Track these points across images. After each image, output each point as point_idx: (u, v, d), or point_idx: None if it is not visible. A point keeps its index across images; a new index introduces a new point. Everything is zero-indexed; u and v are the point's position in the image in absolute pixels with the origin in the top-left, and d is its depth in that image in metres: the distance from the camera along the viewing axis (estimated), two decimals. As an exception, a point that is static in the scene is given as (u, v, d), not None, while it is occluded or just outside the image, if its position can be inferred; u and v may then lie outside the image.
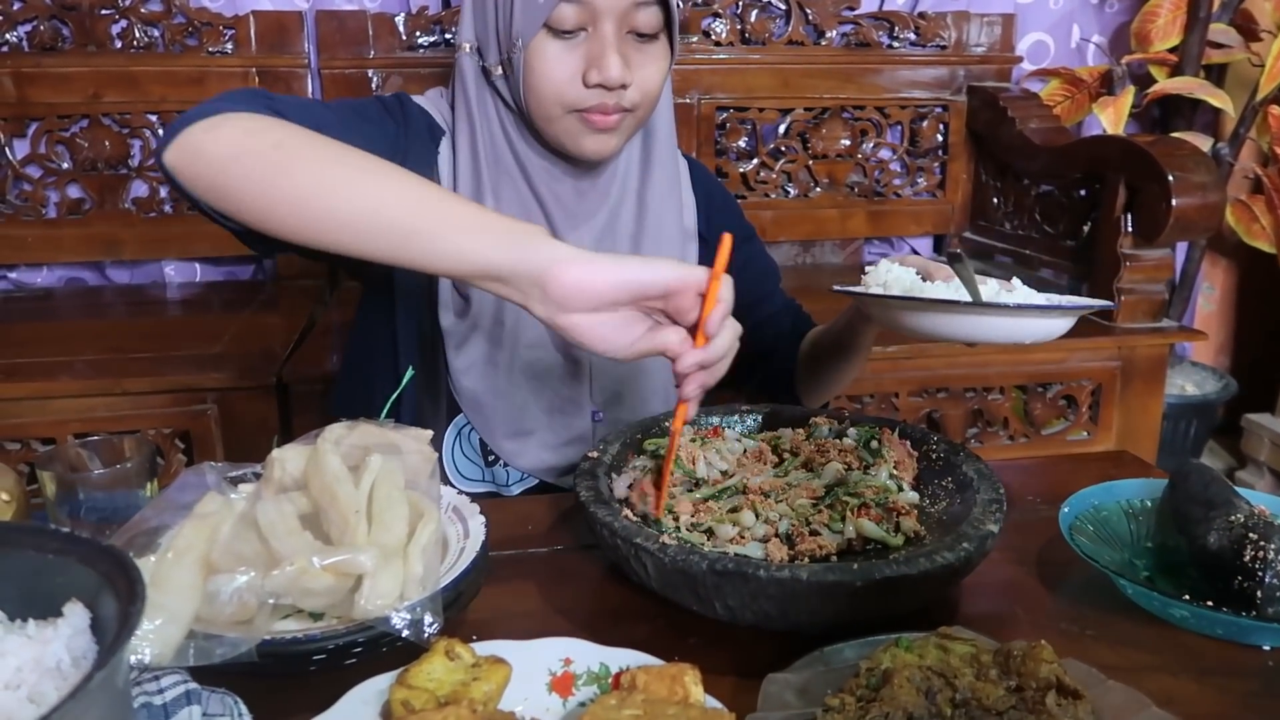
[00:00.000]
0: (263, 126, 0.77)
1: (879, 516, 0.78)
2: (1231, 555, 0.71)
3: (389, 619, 0.62)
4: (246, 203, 0.76)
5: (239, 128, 0.77)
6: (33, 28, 1.96)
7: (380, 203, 0.73)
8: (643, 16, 0.93)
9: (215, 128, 0.77)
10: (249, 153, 0.76)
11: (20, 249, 2.04)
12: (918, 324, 0.83)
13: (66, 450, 0.80)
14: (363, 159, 0.77)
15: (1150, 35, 2.27)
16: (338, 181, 0.74)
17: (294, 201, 0.75)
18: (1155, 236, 1.74)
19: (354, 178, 0.75)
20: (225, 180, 0.77)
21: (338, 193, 0.74)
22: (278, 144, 0.76)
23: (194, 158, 0.77)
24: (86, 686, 0.42)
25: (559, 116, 0.94)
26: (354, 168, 0.76)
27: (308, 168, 0.75)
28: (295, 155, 0.75)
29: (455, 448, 1.04)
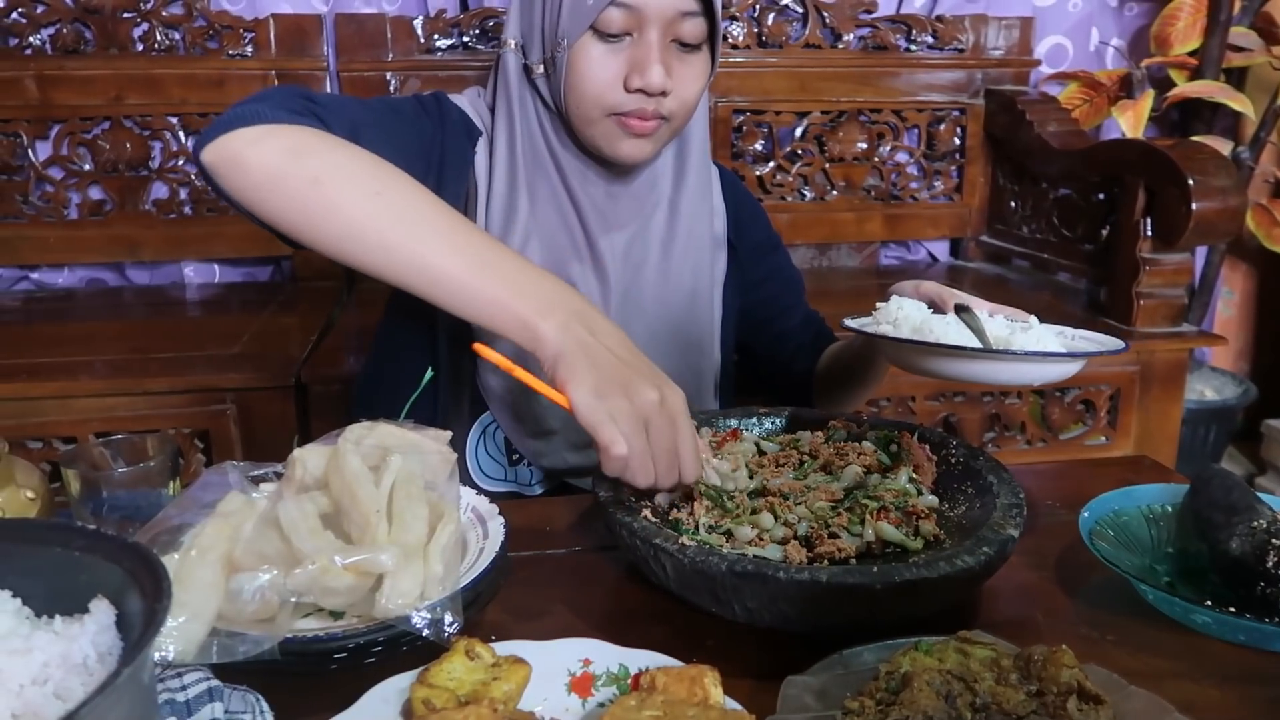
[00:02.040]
0: (302, 148, 0.79)
1: (898, 520, 0.78)
2: (1254, 561, 0.71)
3: (409, 618, 0.62)
4: (281, 224, 0.80)
5: (280, 147, 0.79)
6: (56, 30, 1.99)
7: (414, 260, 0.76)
8: (688, 26, 0.93)
9: (258, 142, 0.79)
10: (287, 180, 0.78)
11: (42, 250, 2.06)
12: (926, 365, 0.84)
13: (90, 449, 0.81)
14: (398, 203, 0.78)
15: (1170, 38, 2.26)
16: (369, 231, 0.77)
17: (327, 241, 0.78)
18: (1175, 240, 1.73)
19: (386, 228, 0.77)
20: (262, 200, 0.79)
21: (368, 242, 0.77)
22: (315, 180, 0.77)
23: (232, 167, 0.79)
24: (114, 682, 0.43)
25: (597, 119, 0.95)
26: (387, 216, 0.77)
27: (342, 213, 0.77)
28: (332, 196, 0.77)
29: (479, 446, 1.04)
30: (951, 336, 0.82)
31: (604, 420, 0.70)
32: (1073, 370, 0.83)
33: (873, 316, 0.91)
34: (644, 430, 0.71)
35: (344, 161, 0.79)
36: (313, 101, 0.85)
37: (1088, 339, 0.87)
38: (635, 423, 0.71)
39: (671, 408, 0.73)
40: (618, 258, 1.04)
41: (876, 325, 0.88)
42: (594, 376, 0.71)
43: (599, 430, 0.70)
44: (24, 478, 0.82)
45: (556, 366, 0.72)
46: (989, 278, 2.27)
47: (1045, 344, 0.83)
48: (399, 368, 1.04)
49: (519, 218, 1.00)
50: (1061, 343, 0.86)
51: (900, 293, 0.99)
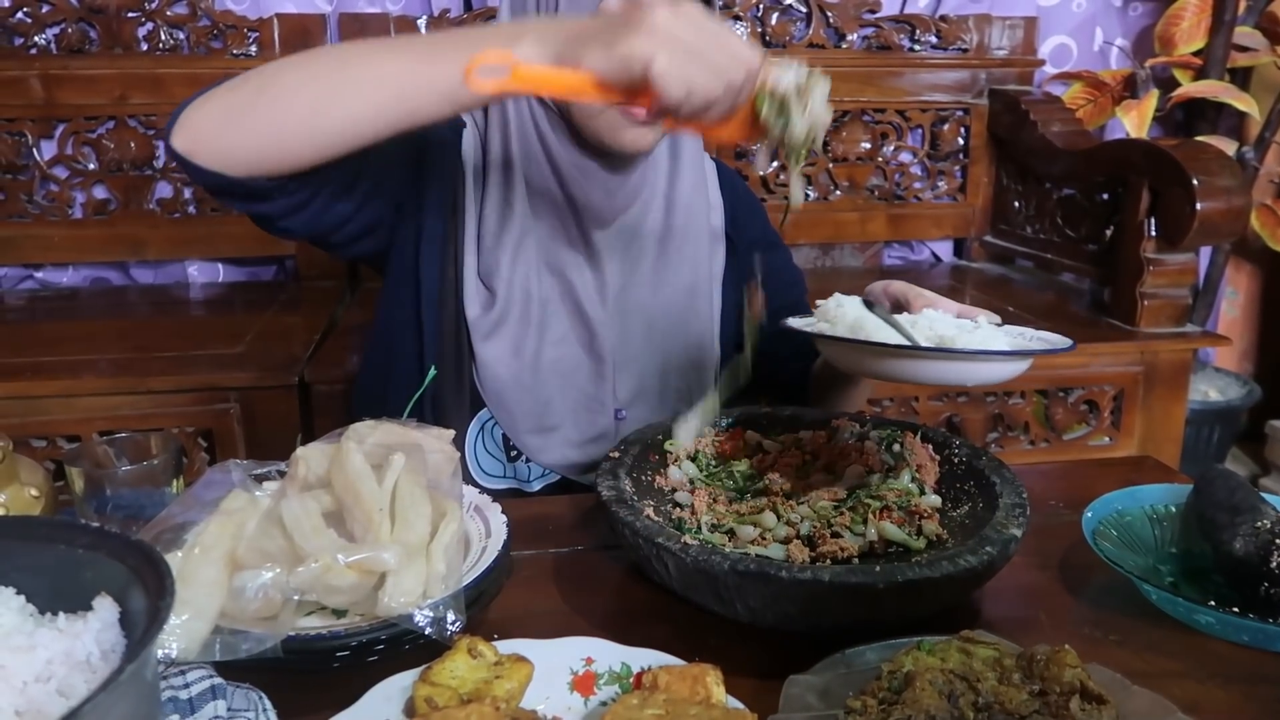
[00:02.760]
0: (241, 79, 0.80)
1: (901, 519, 0.78)
2: (1258, 561, 0.71)
3: (412, 616, 0.63)
4: (257, 152, 0.80)
5: (222, 90, 0.81)
6: (60, 30, 1.99)
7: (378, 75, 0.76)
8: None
9: (203, 100, 0.81)
10: (240, 105, 0.79)
11: (47, 249, 2.07)
12: (860, 364, 0.79)
13: (93, 447, 0.81)
14: (337, 50, 0.80)
15: (1174, 38, 2.26)
16: (326, 91, 0.77)
17: (298, 130, 0.79)
18: (1179, 241, 1.73)
19: (342, 72, 0.77)
20: (231, 146, 0.80)
21: (333, 102, 0.77)
22: (259, 86, 0.79)
23: (194, 131, 0.80)
24: (117, 679, 0.43)
25: (599, 111, 0.95)
26: (337, 64, 0.78)
27: (297, 94, 0.78)
28: (279, 88, 0.78)
29: (478, 443, 1.04)
30: (884, 334, 0.77)
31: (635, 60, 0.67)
32: (1009, 370, 0.78)
33: (815, 314, 0.87)
34: (682, 45, 0.67)
35: (274, 65, 0.80)
36: None
37: (1042, 340, 0.82)
38: (668, 43, 0.67)
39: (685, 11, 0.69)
40: (614, 253, 1.04)
41: (816, 324, 0.85)
42: (597, 41, 0.69)
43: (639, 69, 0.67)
44: (28, 476, 0.82)
45: (560, 63, 0.71)
46: (993, 278, 2.27)
47: (988, 344, 0.77)
48: (396, 366, 1.04)
49: (514, 217, 1.01)
50: (1012, 343, 0.81)
51: (870, 294, 0.99)
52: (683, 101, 0.69)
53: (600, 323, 1.03)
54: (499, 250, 1.00)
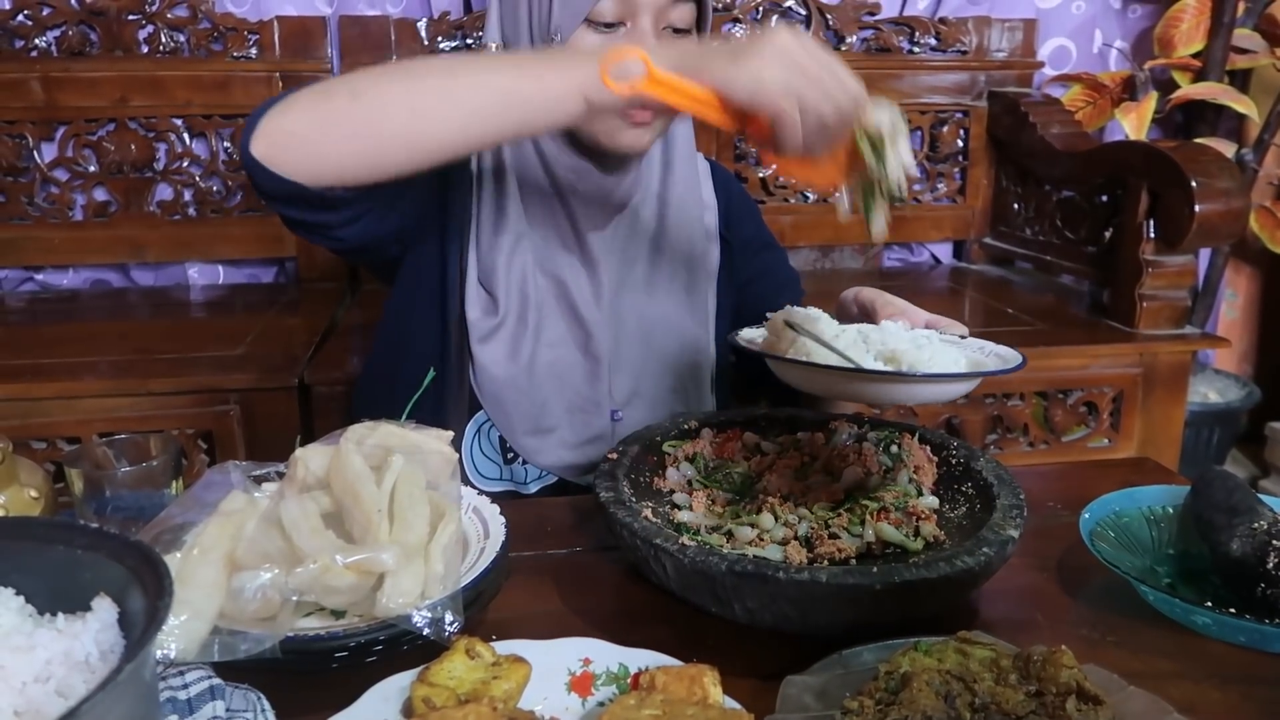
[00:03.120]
0: (326, 88, 0.80)
1: (898, 521, 0.78)
2: (1255, 562, 0.71)
3: (410, 617, 0.63)
4: (350, 161, 0.80)
5: (308, 97, 0.80)
6: (61, 33, 1.99)
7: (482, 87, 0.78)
8: (678, 12, 0.94)
9: (288, 107, 0.80)
10: (333, 113, 0.79)
11: (47, 251, 2.07)
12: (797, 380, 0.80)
13: (93, 449, 0.82)
14: (437, 62, 0.80)
15: (1173, 40, 2.26)
16: (426, 98, 0.78)
17: (398, 136, 0.79)
18: (1178, 242, 1.73)
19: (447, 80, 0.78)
20: (322, 154, 0.80)
21: (433, 110, 0.78)
22: (353, 95, 0.78)
23: (280, 141, 0.79)
24: (116, 679, 0.43)
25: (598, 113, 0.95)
26: (441, 73, 0.78)
27: (395, 102, 0.78)
28: (376, 97, 0.78)
29: (474, 445, 1.04)
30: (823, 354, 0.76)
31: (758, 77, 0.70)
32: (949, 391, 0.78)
33: (765, 325, 0.87)
34: (800, 70, 0.71)
35: (365, 74, 0.80)
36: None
37: (998, 354, 0.81)
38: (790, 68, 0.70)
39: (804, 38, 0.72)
40: (609, 254, 1.05)
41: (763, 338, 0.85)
42: (720, 61, 0.71)
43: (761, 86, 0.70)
44: (28, 477, 0.82)
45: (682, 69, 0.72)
46: (992, 280, 2.27)
47: (933, 362, 0.75)
48: (399, 368, 1.04)
49: (508, 220, 1.01)
50: (966, 359, 0.79)
51: (842, 300, 0.99)
52: (799, 123, 0.72)
53: (596, 324, 1.03)
54: (495, 254, 1.01)
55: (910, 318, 0.89)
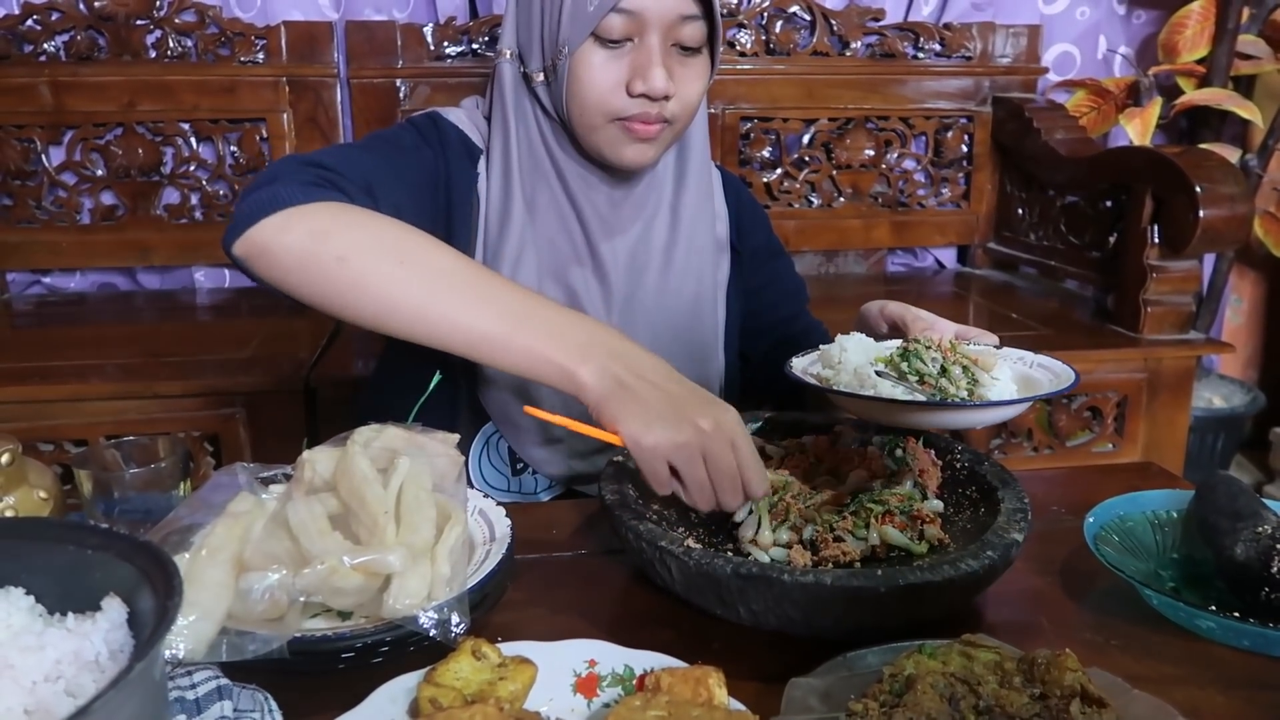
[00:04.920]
0: (326, 229, 0.80)
1: (903, 524, 0.78)
2: (1259, 567, 0.71)
3: (416, 618, 0.63)
4: (315, 303, 0.82)
5: (305, 231, 0.80)
6: (70, 37, 2.00)
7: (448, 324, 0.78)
8: (688, 30, 0.94)
9: (283, 230, 0.80)
10: (316, 261, 0.79)
11: (55, 254, 2.08)
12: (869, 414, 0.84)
13: (101, 451, 0.82)
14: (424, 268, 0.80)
15: (1178, 46, 2.26)
16: (400, 302, 0.79)
17: (361, 315, 0.80)
18: (1182, 248, 1.73)
19: (416, 296, 0.78)
20: (295, 283, 0.81)
21: (401, 313, 0.79)
22: (341, 259, 0.79)
23: (262, 257, 0.81)
24: (126, 677, 0.43)
25: (600, 125, 0.95)
26: (416, 284, 0.79)
27: (372, 287, 0.79)
28: (359, 271, 0.79)
29: (482, 457, 1.05)
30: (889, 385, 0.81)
31: (652, 461, 0.72)
32: (1015, 411, 0.83)
33: (818, 355, 0.89)
34: (700, 460, 0.72)
35: (367, 235, 0.81)
36: (323, 168, 0.86)
37: (1045, 367, 0.86)
38: (691, 454, 0.71)
39: (727, 430, 0.73)
40: (620, 263, 1.05)
41: (820, 368, 0.87)
42: (641, 414, 0.72)
43: (647, 473, 0.73)
44: (37, 479, 0.82)
45: (601, 410, 0.73)
46: (996, 285, 2.27)
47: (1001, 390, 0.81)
48: (405, 374, 1.05)
49: (513, 228, 1.01)
50: (1016, 375, 0.85)
51: (867, 314, 1.00)
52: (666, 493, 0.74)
53: None
54: (498, 263, 1.01)
55: (940, 330, 0.90)
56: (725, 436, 0.72)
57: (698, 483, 0.72)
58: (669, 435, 0.71)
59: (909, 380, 0.80)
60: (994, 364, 0.83)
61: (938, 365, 0.80)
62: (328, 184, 0.84)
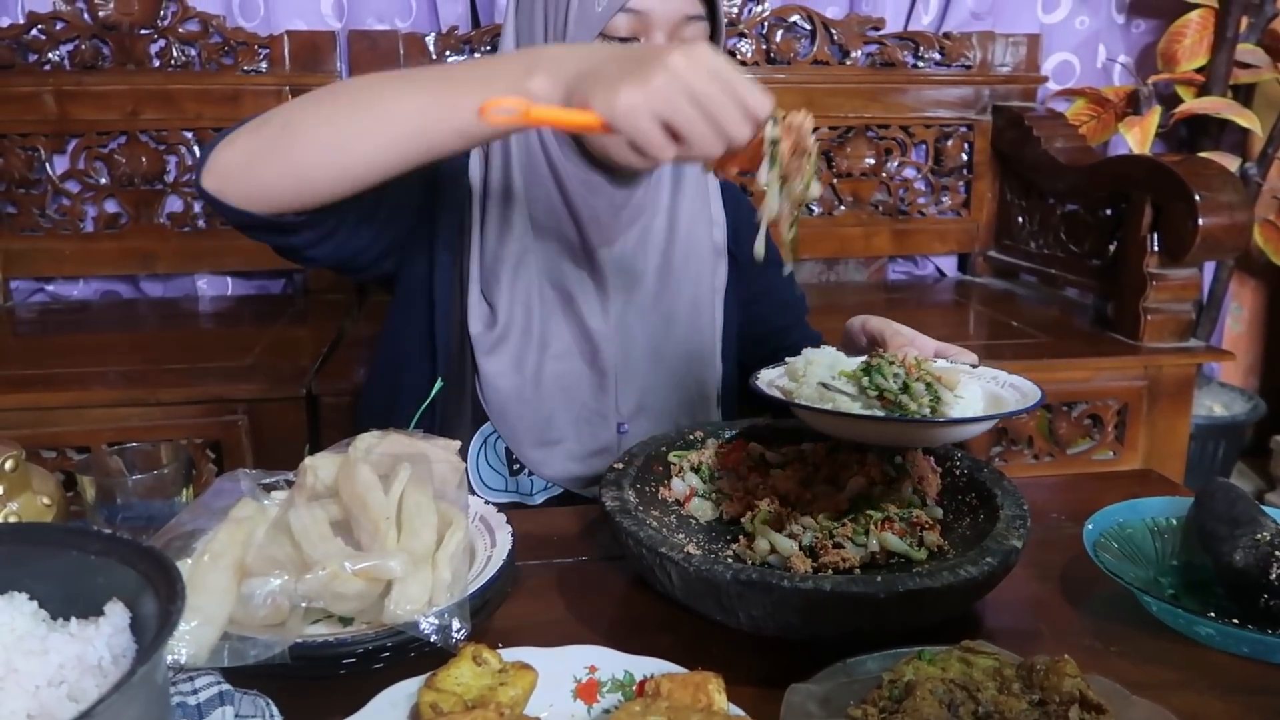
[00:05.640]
0: (265, 117, 0.82)
1: (903, 530, 0.78)
2: (1257, 573, 0.71)
3: (417, 624, 0.63)
4: (283, 188, 0.81)
5: (248, 130, 0.82)
6: (74, 47, 2.02)
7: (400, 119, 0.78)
8: (692, 30, 0.95)
9: (230, 141, 0.82)
10: (265, 143, 0.80)
11: (58, 262, 2.09)
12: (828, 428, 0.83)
13: (104, 457, 0.82)
14: (356, 87, 0.81)
15: (1177, 55, 2.27)
16: (353, 131, 0.79)
17: (322, 166, 0.80)
18: (1182, 256, 1.73)
19: (360, 110, 0.79)
20: (258, 178, 0.81)
21: (360, 140, 0.79)
22: (285, 122, 0.80)
23: (221, 172, 0.82)
24: (129, 681, 0.43)
25: None
26: (354, 102, 0.80)
27: (319, 132, 0.79)
28: (301, 125, 0.80)
29: (480, 457, 1.05)
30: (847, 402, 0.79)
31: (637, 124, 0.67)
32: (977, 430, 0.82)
33: (785, 368, 0.89)
34: (687, 101, 0.67)
35: (299, 102, 0.82)
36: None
37: (1015, 386, 0.84)
38: (673, 97, 0.67)
39: (701, 60, 0.68)
40: (618, 269, 1.05)
41: (786, 381, 0.86)
42: (605, 83, 0.68)
43: (640, 141, 0.68)
44: (40, 485, 0.83)
45: (570, 100, 0.71)
46: (996, 293, 2.28)
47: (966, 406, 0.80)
48: (403, 379, 1.05)
49: (513, 232, 1.02)
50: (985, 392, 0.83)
51: (849, 329, 1.00)
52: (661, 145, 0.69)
53: (603, 337, 1.04)
54: (499, 267, 1.01)
55: (919, 347, 0.89)
56: (702, 67, 0.67)
57: (696, 125, 0.67)
58: (641, 88, 0.66)
59: (868, 395, 0.79)
60: (957, 382, 0.81)
61: (899, 381, 0.78)
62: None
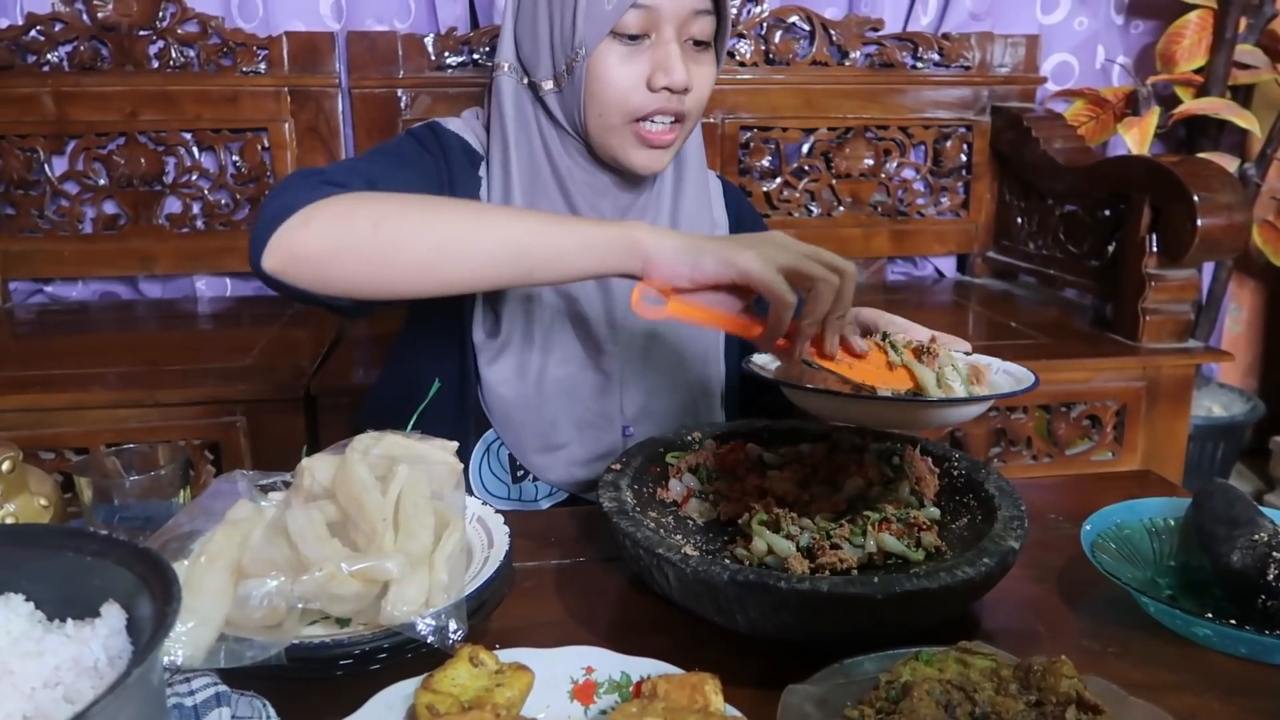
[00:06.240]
0: (346, 211, 0.80)
1: (900, 531, 0.78)
2: (1255, 574, 0.71)
3: (414, 625, 0.63)
4: (363, 285, 0.81)
5: (328, 218, 0.80)
6: (73, 48, 2.02)
7: (499, 240, 0.80)
8: (700, 25, 0.96)
9: (304, 227, 0.80)
10: (348, 240, 0.79)
11: (57, 263, 2.09)
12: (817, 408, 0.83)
13: (102, 458, 0.82)
14: (454, 211, 0.82)
15: (1176, 56, 2.27)
16: (447, 240, 0.80)
17: (412, 272, 0.80)
18: (1180, 257, 1.73)
19: (462, 229, 0.80)
20: (335, 275, 0.80)
21: (453, 251, 0.80)
22: (375, 226, 0.79)
23: (293, 261, 0.80)
24: (125, 682, 0.43)
25: (618, 126, 0.96)
26: (455, 223, 0.80)
27: (414, 239, 0.80)
28: (395, 231, 0.79)
29: (483, 464, 1.05)
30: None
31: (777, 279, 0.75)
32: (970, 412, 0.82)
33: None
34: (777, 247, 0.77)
35: (389, 202, 0.82)
36: (324, 175, 0.86)
37: (1008, 373, 0.84)
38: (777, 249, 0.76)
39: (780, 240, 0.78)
40: None
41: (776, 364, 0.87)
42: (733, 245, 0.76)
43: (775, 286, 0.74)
44: (37, 486, 0.83)
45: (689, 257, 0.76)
46: (995, 293, 2.28)
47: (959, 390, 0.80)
48: (408, 383, 1.05)
49: None
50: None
51: None
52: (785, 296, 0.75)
53: (607, 340, 1.04)
54: None
55: (912, 336, 0.89)
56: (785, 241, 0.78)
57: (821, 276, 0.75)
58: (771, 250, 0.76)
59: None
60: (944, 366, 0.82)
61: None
62: (334, 185, 0.84)
